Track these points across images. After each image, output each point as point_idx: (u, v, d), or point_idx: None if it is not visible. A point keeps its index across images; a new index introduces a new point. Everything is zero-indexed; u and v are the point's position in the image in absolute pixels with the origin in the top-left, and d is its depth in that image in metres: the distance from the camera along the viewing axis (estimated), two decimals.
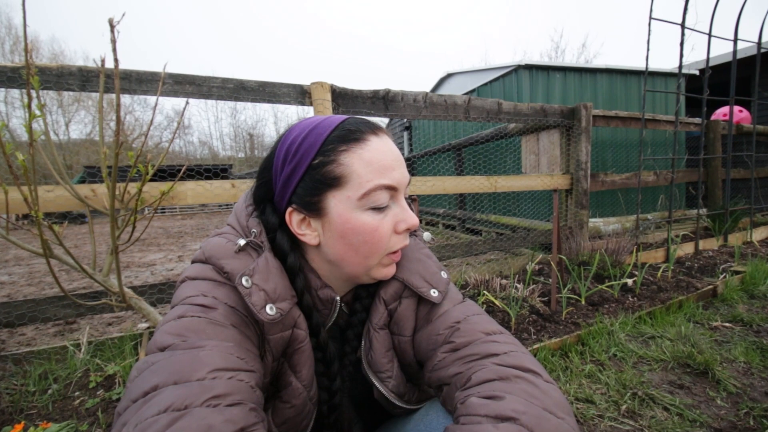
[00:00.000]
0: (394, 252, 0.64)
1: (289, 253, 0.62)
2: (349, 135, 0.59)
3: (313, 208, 0.59)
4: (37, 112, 1.06)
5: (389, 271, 0.65)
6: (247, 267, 0.57)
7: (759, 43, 3.60)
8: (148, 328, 1.92)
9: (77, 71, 1.68)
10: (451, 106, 2.58)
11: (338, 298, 0.66)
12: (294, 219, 0.61)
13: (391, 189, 0.60)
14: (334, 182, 0.58)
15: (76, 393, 1.52)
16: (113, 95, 1.41)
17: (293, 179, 0.59)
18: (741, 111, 5.75)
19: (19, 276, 4.74)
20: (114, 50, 1.16)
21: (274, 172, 0.62)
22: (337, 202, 0.58)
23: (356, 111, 2.28)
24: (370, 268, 0.63)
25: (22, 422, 1.21)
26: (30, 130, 1.06)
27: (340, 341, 0.72)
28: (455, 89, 6.70)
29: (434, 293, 0.65)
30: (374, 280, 0.66)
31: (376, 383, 0.66)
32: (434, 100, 2.52)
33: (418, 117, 2.49)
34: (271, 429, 0.60)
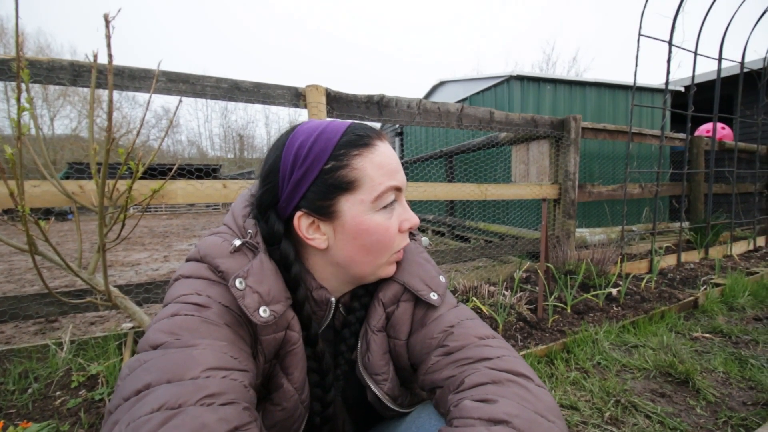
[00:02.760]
0: (398, 251, 0.66)
1: (294, 263, 0.62)
2: (360, 140, 0.60)
3: (325, 212, 0.60)
4: (27, 106, 1.04)
5: (392, 269, 0.68)
6: (242, 268, 0.56)
7: (742, 63, 3.72)
8: (133, 327, 1.89)
9: (68, 65, 1.66)
10: (444, 114, 2.61)
11: (333, 299, 0.67)
12: (303, 223, 0.61)
13: (398, 190, 0.63)
14: (349, 186, 0.59)
15: (58, 393, 1.49)
16: (101, 90, 1.39)
17: (304, 183, 0.59)
18: (723, 128, 5.90)
19: None
20: (108, 46, 1.15)
21: (281, 177, 0.61)
22: (351, 205, 0.60)
23: (350, 115, 2.27)
24: (379, 267, 0.65)
25: (2, 421, 1.18)
26: (19, 124, 1.04)
27: (334, 342, 0.72)
28: (448, 97, 6.76)
29: (434, 296, 0.67)
30: (378, 278, 0.68)
31: (372, 386, 0.66)
32: (428, 107, 2.54)
33: (411, 123, 2.51)
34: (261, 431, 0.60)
